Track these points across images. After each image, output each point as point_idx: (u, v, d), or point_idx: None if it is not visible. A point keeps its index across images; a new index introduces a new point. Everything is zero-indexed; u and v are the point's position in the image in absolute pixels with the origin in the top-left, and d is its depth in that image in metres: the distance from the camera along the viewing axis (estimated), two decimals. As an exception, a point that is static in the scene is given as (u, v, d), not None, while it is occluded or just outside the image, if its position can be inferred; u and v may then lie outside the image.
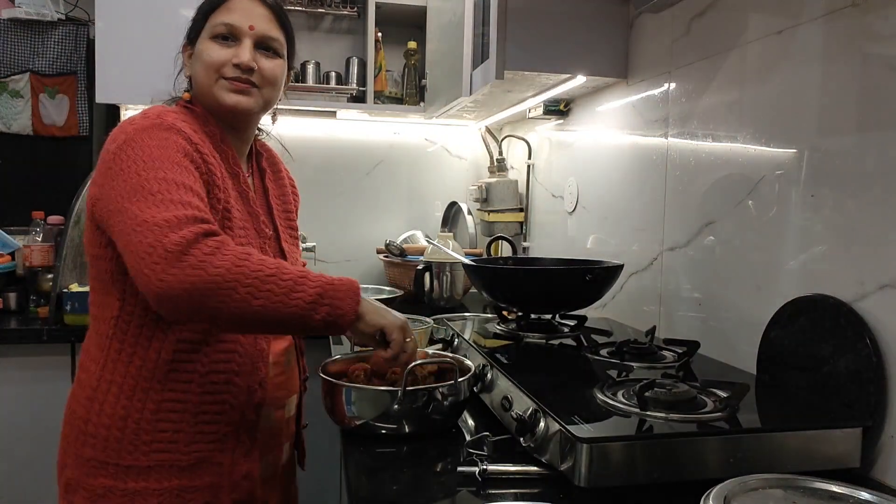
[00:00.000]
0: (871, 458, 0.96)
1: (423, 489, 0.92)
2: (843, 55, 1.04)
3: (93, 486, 1.03)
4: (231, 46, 1.11)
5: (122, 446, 1.03)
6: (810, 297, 1.08)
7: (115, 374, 1.05)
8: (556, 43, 1.66)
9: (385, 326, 1.02)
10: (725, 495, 0.72)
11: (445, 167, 2.94)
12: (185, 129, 1.04)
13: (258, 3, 1.14)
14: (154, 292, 0.87)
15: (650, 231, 1.61)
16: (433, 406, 1.07)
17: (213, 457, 1.06)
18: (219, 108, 1.13)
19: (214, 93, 1.12)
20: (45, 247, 2.30)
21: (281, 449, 1.22)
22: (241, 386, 1.09)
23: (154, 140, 0.99)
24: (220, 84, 1.11)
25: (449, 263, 2.21)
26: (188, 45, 1.17)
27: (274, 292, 0.90)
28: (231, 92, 1.11)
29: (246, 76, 1.11)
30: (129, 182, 0.94)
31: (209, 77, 1.11)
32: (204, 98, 1.14)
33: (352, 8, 2.66)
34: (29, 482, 2.02)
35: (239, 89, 1.12)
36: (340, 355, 1.27)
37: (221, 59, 1.10)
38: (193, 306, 0.88)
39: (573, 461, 0.84)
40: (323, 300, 0.93)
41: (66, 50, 2.51)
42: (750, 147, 1.26)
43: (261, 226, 1.16)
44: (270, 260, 0.93)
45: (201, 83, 1.13)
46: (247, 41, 1.12)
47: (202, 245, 0.88)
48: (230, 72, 1.11)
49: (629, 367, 1.18)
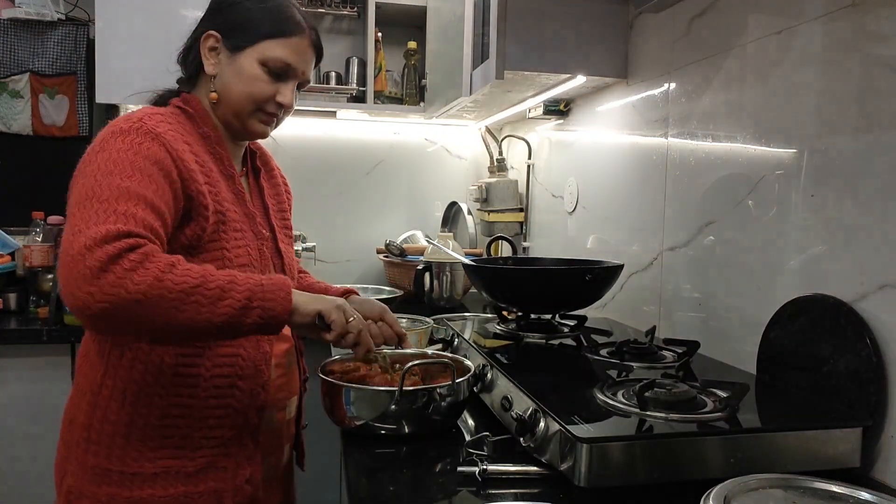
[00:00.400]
0: (871, 458, 0.96)
1: (423, 489, 0.92)
2: (843, 55, 1.04)
3: (97, 495, 1.02)
4: (276, 82, 1.11)
5: (126, 453, 1.02)
6: (810, 297, 1.08)
7: (118, 380, 1.03)
8: (556, 43, 1.66)
9: (321, 310, 0.98)
10: (725, 495, 0.72)
11: (445, 167, 2.94)
12: (168, 135, 1.01)
13: (312, 49, 1.15)
14: (75, 310, 0.86)
15: (650, 231, 1.61)
16: (432, 406, 1.07)
17: (218, 461, 1.06)
18: (240, 130, 1.14)
19: (246, 120, 1.13)
20: (45, 247, 2.30)
21: (282, 450, 1.22)
22: (245, 389, 1.08)
23: (125, 145, 0.97)
24: (257, 115, 1.13)
25: (449, 263, 2.21)
26: (219, 40, 1.11)
27: (200, 303, 0.88)
28: (261, 123, 1.14)
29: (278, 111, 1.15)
30: (85, 187, 0.93)
31: (247, 105, 1.11)
32: (228, 112, 1.13)
33: (352, 8, 2.66)
34: (29, 482, 2.02)
35: (268, 122, 1.15)
36: (340, 355, 1.27)
37: (268, 95, 1.11)
38: (115, 323, 0.87)
39: (573, 461, 0.84)
40: (252, 304, 0.92)
41: (66, 50, 2.51)
42: (750, 147, 1.26)
43: (258, 227, 1.15)
44: (196, 269, 0.90)
45: (235, 104, 1.11)
46: (293, 83, 1.14)
47: (123, 261, 0.85)
48: (272, 108, 1.13)
49: (629, 367, 1.18)
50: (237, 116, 1.12)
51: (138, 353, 1.03)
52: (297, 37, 1.11)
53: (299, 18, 1.13)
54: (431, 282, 2.22)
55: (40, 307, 2.23)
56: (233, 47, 1.10)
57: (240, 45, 1.10)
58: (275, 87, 1.11)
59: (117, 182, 0.93)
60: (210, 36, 1.11)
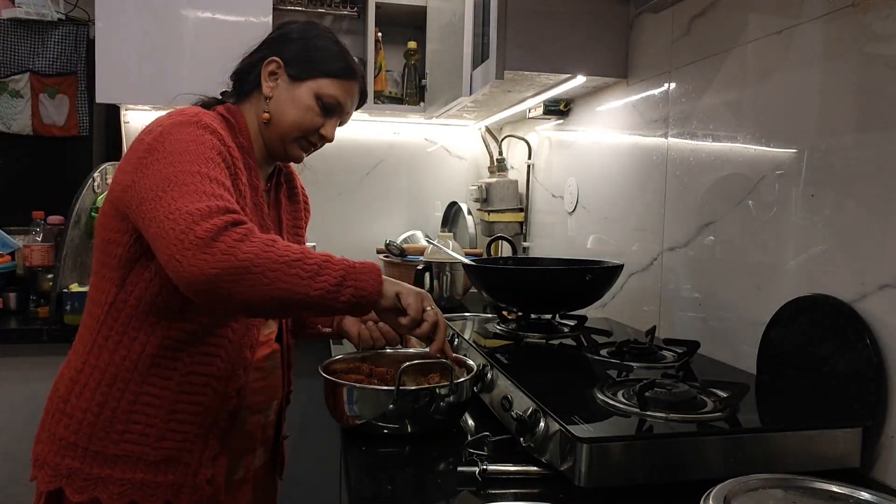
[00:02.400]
0: (871, 458, 0.96)
1: (423, 489, 0.92)
2: (843, 55, 1.04)
3: (58, 465, 1.06)
4: (324, 116, 1.20)
5: (93, 431, 1.06)
6: (810, 297, 1.08)
7: (100, 361, 1.08)
8: (556, 43, 1.66)
9: (400, 292, 1.03)
10: (725, 495, 0.72)
11: (445, 167, 2.94)
12: (220, 131, 1.08)
13: (360, 94, 1.27)
14: (185, 277, 0.90)
15: (650, 231, 1.61)
16: (434, 406, 1.07)
17: (181, 456, 1.08)
18: (281, 152, 1.22)
19: (287, 145, 1.20)
20: (45, 247, 2.30)
21: (253, 454, 1.23)
22: (219, 390, 1.11)
23: (189, 135, 1.03)
24: (299, 142, 1.21)
25: (449, 263, 2.21)
26: (281, 66, 1.18)
27: (300, 276, 0.93)
28: (301, 149, 1.23)
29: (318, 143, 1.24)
30: (163, 172, 0.98)
31: (294, 131, 1.19)
32: (274, 134, 1.19)
33: (352, 8, 2.66)
34: (29, 482, 2.02)
35: (307, 150, 1.24)
36: (342, 355, 1.27)
37: (316, 126, 1.20)
38: (223, 291, 0.91)
39: (573, 461, 0.84)
40: (346, 282, 0.96)
41: (66, 50, 2.51)
42: (750, 147, 1.26)
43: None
44: (295, 246, 0.96)
45: (284, 127, 1.19)
46: (336, 120, 1.24)
47: (231, 233, 0.91)
48: (314, 139, 1.22)
49: (629, 367, 1.18)
50: (282, 139, 1.20)
51: (123, 338, 1.07)
52: (352, 81, 1.22)
53: (356, 66, 1.23)
54: (431, 282, 2.22)
55: (40, 307, 2.23)
56: (293, 76, 1.18)
57: (301, 76, 1.18)
58: (322, 120, 1.20)
59: (195, 168, 0.99)
60: (273, 61, 1.19)
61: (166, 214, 0.93)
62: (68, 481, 1.05)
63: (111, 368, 1.07)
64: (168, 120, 1.06)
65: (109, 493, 1.04)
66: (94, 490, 1.04)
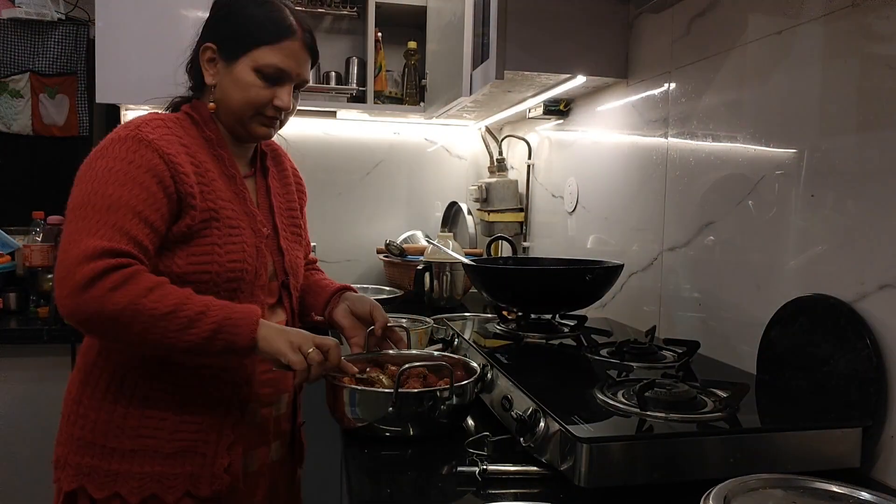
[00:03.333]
0: (871, 458, 0.96)
1: (422, 489, 0.92)
2: (843, 55, 1.04)
3: (79, 464, 1.08)
4: (272, 87, 1.14)
5: (109, 429, 1.08)
6: (810, 297, 1.08)
7: (109, 362, 1.10)
8: (555, 43, 1.66)
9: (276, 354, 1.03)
10: (725, 495, 0.72)
11: (445, 167, 2.94)
12: (161, 140, 1.07)
13: (305, 50, 1.17)
14: (65, 317, 0.96)
15: (650, 231, 1.61)
16: (433, 408, 1.07)
17: (196, 447, 1.10)
18: (244, 134, 1.19)
19: (247, 126, 1.17)
20: (45, 247, 2.30)
21: (268, 447, 1.22)
22: (227, 381, 1.13)
23: (121, 153, 1.04)
24: (257, 120, 1.17)
25: (449, 263, 2.21)
26: (216, 51, 1.16)
27: (169, 329, 0.96)
28: (262, 126, 1.18)
29: (278, 114, 1.17)
30: (83, 192, 1.02)
31: (246, 111, 1.15)
32: (230, 119, 1.17)
33: (352, 8, 2.66)
34: (29, 482, 2.02)
35: (270, 124, 1.18)
36: (343, 356, 1.27)
37: (265, 101, 1.14)
38: (95, 332, 1.01)
39: (573, 461, 0.84)
40: (219, 335, 0.99)
41: (66, 50, 2.51)
42: (750, 147, 1.26)
43: (257, 225, 1.18)
44: (173, 295, 0.98)
45: (235, 110, 1.16)
46: (289, 86, 1.16)
47: (107, 280, 0.94)
48: (270, 112, 1.16)
49: (629, 367, 1.18)
50: (239, 122, 1.17)
51: None
52: (289, 40, 1.14)
53: (290, 22, 1.15)
54: (431, 282, 2.22)
55: (40, 307, 2.23)
56: (228, 57, 1.14)
57: (234, 54, 1.14)
58: (271, 91, 1.14)
59: (111, 191, 1.01)
60: (207, 48, 1.16)
61: (64, 247, 0.97)
62: (89, 479, 1.07)
63: (120, 369, 1.09)
64: (110, 136, 1.08)
65: (130, 487, 1.06)
66: (115, 485, 1.06)
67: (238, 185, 1.18)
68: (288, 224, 1.29)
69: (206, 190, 1.10)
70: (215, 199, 1.11)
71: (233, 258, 1.11)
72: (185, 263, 1.07)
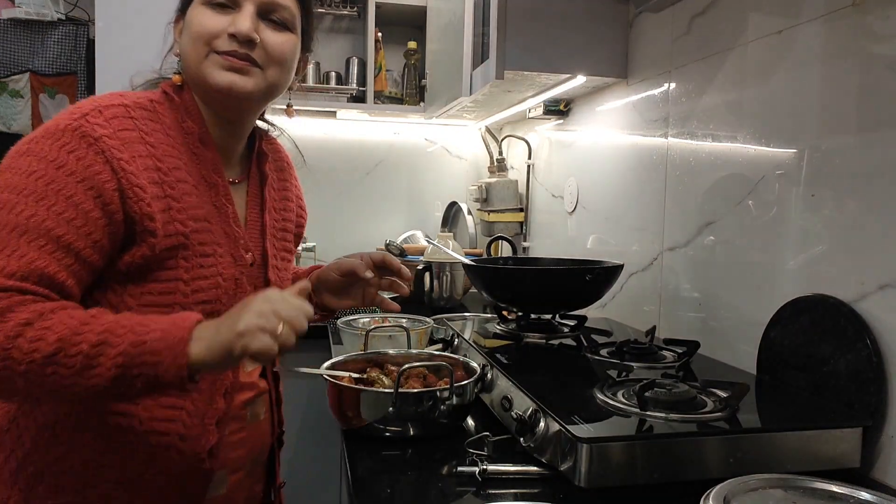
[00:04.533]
0: (871, 458, 0.96)
1: (423, 489, 0.92)
2: (843, 55, 1.04)
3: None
4: (229, 14, 0.91)
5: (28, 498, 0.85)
6: (810, 297, 1.08)
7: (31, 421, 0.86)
8: (555, 43, 1.66)
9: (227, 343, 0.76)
10: (725, 495, 0.72)
11: (445, 167, 2.94)
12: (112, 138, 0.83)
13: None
14: None
15: (650, 231, 1.61)
16: (436, 408, 1.07)
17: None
18: (209, 92, 0.93)
19: (204, 71, 0.90)
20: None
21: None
22: (186, 452, 0.88)
23: (53, 151, 0.80)
24: (212, 60, 0.90)
25: (449, 263, 2.20)
26: (179, 17, 0.97)
27: (61, 374, 0.72)
28: (224, 69, 0.90)
29: (245, 50, 0.90)
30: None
31: (198, 51, 0.90)
32: (193, 79, 0.94)
33: (352, 8, 2.66)
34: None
35: (235, 67, 0.90)
36: (344, 356, 1.27)
37: (214, 29, 0.90)
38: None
39: (573, 461, 0.84)
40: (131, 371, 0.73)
41: (66, 50, 2.51)
42: (750, 147, 1.26)
43: (240, 251, 0.96)
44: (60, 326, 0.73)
45: (189, 59, 0.92)
46: (248, 6, 0.91)
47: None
48: (224, 44, 0.90)
49: (629, 367, 1.18)
50: (196, 74, 0.92)
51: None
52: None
53: None
54: (431, 282, 2.22)
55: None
56: (184, 10, 0.96)
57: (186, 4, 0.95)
58: (224, 19, 0.90)
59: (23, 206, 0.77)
60: (175, 21, 0.99)
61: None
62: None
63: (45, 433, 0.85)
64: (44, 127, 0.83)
65: None
66: None
67: (220, 195, 0.94)
68: (279, 248, 1.06)
69: (174, 208, 0.86)
70: (185, 219, 0.87)
71: (201, 297, 0.88)
72: (138, 304, 0.84)
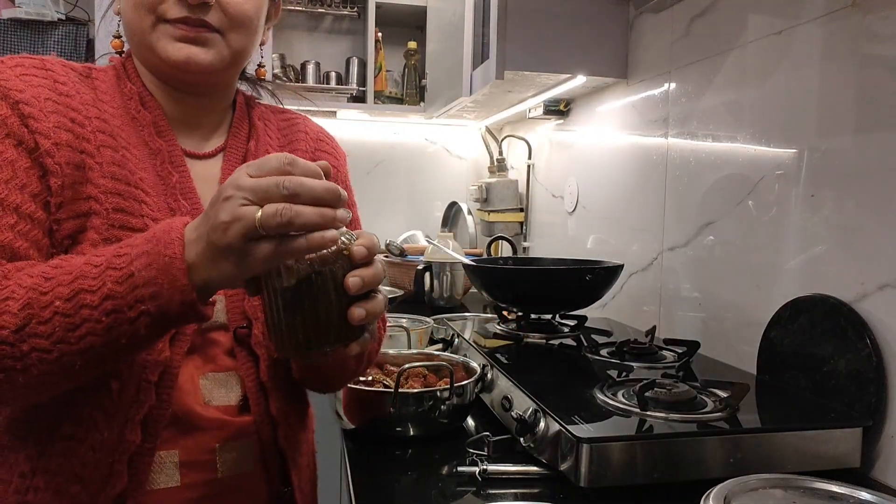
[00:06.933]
0: (871, 458, 0.96)
1: (422, 489, 0.92)
2: (843, 55, 1.04)
3: None
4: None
5: None
6: (810, 297, 1.08)
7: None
8: (556, 43, 1.66)
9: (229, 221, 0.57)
10: (725, 495, 0.72)
11: (445, 167, 2.94)
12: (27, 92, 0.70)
13: None
14: None
15: (650, 231, 1.61)
16: (436, 408, 1.07)
17: None
18: (162, 67, 0.78)
19: (154, 44, 0.75)
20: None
21: None
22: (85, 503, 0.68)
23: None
24: (162, 31, 0.75)
25: (449, 263, 2.20)
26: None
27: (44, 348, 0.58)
28: (177, 41, 0.75)
29: (198, 16, 0.75)
30: None
31: (142, 18, 0.75)
32: (138, 50, 0.79)
33: (352, 8, 2.66)
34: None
35: (189, 37, 0.75)
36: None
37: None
38: None
39: (573, 461, 0.84)
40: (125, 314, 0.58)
41: (66, 50, 2.51)
42: (750, 147, 1.26)
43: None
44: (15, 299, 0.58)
45: (132, 28, 0.77)
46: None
47: None
48: (173, 10, 0.74)
49: (629, 367, 1.18)
50: (142, 45, 0.77)
51: None
52: None
53: None
54: (431, 282, 2.22)
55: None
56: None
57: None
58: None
59: None
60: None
61: None
62: None
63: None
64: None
65: None
66: None
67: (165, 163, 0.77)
68: None
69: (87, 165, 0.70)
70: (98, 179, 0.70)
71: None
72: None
